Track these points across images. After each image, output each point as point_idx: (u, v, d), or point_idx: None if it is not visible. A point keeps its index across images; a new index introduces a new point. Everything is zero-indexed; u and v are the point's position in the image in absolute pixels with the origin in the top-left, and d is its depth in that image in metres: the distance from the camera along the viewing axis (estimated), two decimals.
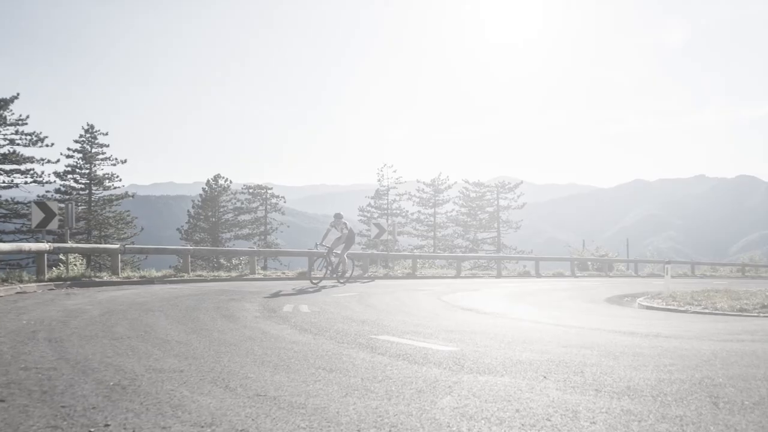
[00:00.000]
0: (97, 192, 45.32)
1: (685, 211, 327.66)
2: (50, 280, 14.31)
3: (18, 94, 38.91)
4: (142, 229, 47.18)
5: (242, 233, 52.61)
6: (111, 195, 45.99)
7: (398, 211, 56.22)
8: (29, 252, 14.54)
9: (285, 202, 57.43)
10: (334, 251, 16.75)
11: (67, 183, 44.20)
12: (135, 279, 16.55)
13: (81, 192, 44.83)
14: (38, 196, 42.09)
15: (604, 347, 6.17)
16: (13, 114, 39.52)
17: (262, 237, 53.05)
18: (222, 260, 36.30)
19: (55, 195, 43.20)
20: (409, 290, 15.77)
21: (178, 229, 52.76)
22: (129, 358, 5.21)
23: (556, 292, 18.45)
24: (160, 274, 17.85)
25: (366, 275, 23.48)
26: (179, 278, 17.62)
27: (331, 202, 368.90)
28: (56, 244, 15.37)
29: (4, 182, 39.36)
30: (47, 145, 40.37)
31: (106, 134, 45.66)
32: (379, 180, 55.79)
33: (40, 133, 39.75)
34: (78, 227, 43.75)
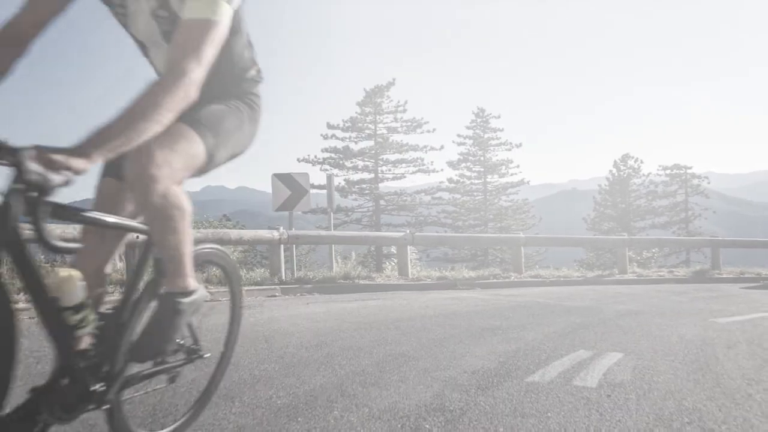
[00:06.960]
0: (492, 180, 41.64)
1: None
2: (282, 282, 9.35)
3: (394, 80, 36.73)
4: (540, 219, 41.80)
5: (659, 221, 43.26)
6: (507, 183, 41.75)
7: None
8: (252, 241, 9.84)
9: (709, 182, 45.97)
10: None
11: (461, 172, 41.42)
12: (429, 281, 10.64)
13: (475, 181, 41.72)
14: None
15: None
16: (391, 101, 37.18)
17: (683, 225, 42.83)
18: (631, 253, 28.33)
19: (448, 185, 40.90)
20: None
21: (583, 219, 46.44)
22: None
23: None
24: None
25: None
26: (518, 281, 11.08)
27: None
28: (296, 232, 10.25)
29: (381, 172, 37.06)
30: (428, 131, 37.48)
31: (498, 117, 41.69)
32: None
33: (422, 118, 37.12)
34: (475, 218, 40.62)
